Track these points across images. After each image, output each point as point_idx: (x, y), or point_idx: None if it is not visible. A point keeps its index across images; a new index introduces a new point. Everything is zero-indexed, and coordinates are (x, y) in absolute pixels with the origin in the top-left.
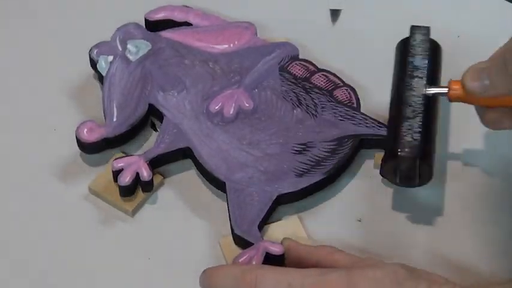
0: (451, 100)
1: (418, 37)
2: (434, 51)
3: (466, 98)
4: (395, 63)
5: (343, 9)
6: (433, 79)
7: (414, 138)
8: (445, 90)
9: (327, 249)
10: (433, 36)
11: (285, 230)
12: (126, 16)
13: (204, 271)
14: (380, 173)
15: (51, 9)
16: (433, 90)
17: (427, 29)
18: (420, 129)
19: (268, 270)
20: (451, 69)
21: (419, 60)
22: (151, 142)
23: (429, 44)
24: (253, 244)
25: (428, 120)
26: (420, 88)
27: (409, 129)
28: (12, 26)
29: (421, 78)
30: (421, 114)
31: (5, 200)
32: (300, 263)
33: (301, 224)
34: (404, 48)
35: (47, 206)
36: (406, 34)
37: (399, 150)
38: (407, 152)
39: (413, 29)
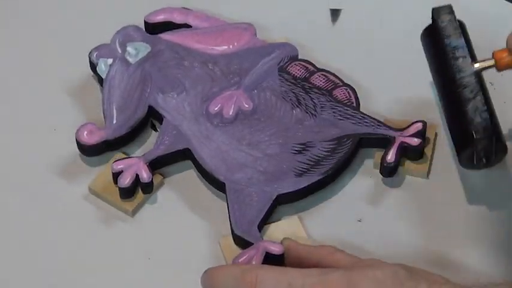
0: (499, 69)
1: (445, 17)
2: (462, 27)
3: None
4: (429, 51)
5: (343, 9)
6: (473, 55)
7: (483, 117)
8: (492, 62)
9: (327, 249)
10: None
11: (285, 230)
12: (125, 19)
13: (206, 271)
14: (459, 162)
15: (51, 12)
16: (481, 65)
17: (450, 7)
18: (485, 108)
19: (268, 270)
20: None
21: (456, 40)
22: (151, 143)
23: (457, 22)
24: (253, 244)
25: (486, 96)
26: (468, 67)
27: (475, 110)
28: (12, 26)
29: (465, 57)
30: (480, 93)
31: (5, 199)
32: (301, 263)
33: (301, 224)
34: (433, 33)
35: (46, 206)
36: (407, 34)
37: (474, 133)
38: (483, 133)
39: (437, 10)
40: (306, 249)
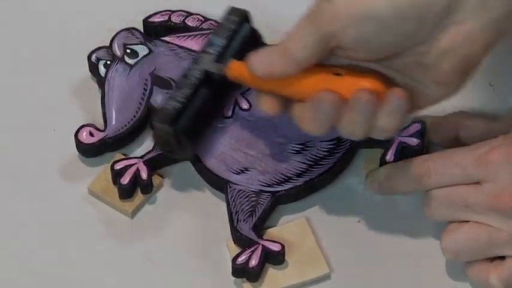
0: (228, 78)
1: (230, 18)
2: (247, 37)
3: (242, 78)
4: None
5: None
6: (227, 58)
7: (171, 106)
8: (224, 67)
9: (462, 115)
10: None
11: (292, 231)
12: (124, 21)
13: (372, 175)
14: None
15: (50, 14)
16: (214, 67)
17: (244, 12)
18: (183, 100)
19: (435, 157)
20: None
21: (217, 39)
22: (150, 144)
23: (237, 27)
24: (253, 243)
25: (201, 95)
26: (203, 62)
27: (171, 97)
28: (12, 27)
29: (211, 54)
30: (190, 87)
31: (4, 200)
32: (441, 131)
33: (308, 225)
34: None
35: (46, 207)
36: None
37: (154, 116)
38: (159, 118)
39: (229, 9)
40: (441, 119)
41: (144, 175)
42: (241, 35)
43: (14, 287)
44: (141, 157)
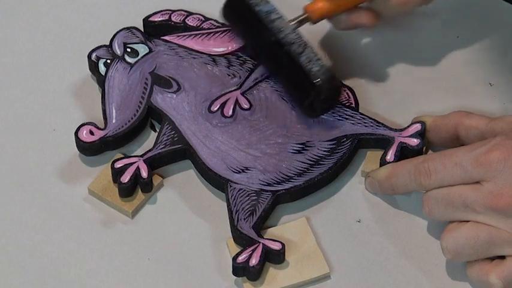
0: (314, 21)
1: None
2: None
3: (327, 12)
4: (238, 23)
5: None
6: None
7: (319, 64)
8: (305, 15)
9: (461, 113)
10: (432, 37)
11: (292, 231)
12: (124, 20)
13: (374, 176)
14: (304, 113)
15: (51, 12)
16: (296, 20)
17: None
18: (318, 56)
19: (436, 157)
20: (450, 68)
21: (265, 6)
22: (150, 143)
23: None
24: (253, 242)
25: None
26: (287, 25)
27: (309, 61)
28: (12, 26)
29: (279, 18)
30: (307, 45)
31: (4, 201)
32: (440, 132)
33: (308, 225)
34: (238, 6)
35: (46, 208)
36: (406, 34)
37: (315, 80)
38: (323, 78)
39: None
40: (441, 119)
41: (144, 173)
42: None
43: (14, 287)
44: (141, 156)
